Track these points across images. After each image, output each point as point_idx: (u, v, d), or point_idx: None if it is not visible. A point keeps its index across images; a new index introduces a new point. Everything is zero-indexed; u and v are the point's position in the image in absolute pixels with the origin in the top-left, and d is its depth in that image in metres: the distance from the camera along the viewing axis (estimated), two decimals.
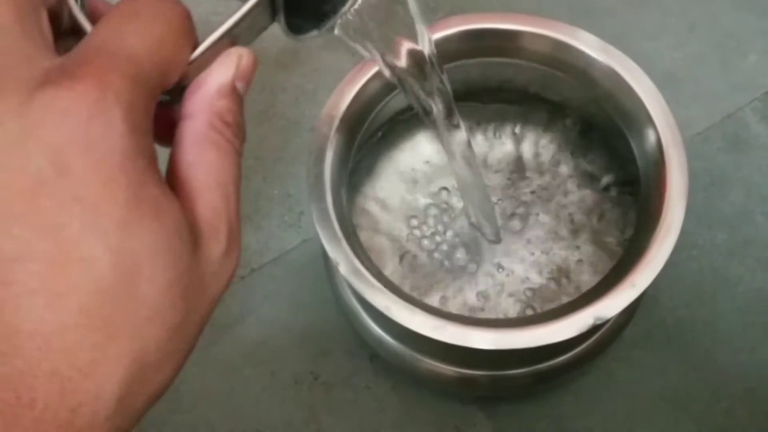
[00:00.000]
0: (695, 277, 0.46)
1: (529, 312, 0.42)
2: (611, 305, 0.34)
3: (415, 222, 0.45)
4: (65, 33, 0.21)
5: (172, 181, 0.20)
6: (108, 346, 0.17)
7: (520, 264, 0.43)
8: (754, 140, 0.49)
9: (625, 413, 0.43)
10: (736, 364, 0.43)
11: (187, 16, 0.21)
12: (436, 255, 0.44)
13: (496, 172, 0.46)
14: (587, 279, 0.43)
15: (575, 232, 0.44)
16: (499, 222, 0.44)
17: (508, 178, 0.46)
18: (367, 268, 0.36)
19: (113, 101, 0.17)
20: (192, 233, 0.19)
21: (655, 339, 0.44)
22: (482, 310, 0.42)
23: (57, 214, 0.16)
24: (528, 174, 0.46)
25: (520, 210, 0.45)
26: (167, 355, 0.18)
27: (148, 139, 0.19)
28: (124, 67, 0.18)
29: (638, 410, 0.43)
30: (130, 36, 0.19)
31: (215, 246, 0.19)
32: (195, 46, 0.21)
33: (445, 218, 0.45)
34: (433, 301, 0.43)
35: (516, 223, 0.45)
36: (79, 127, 0.17)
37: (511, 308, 0.42)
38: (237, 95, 0.22)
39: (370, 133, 0.44)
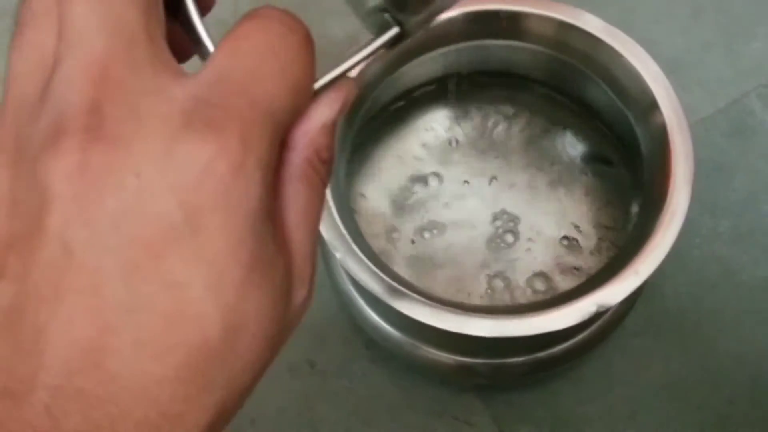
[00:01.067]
0: (698, 265, 0.45)
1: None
2: (614, 293, 0.33)
3: (411, 205, 0.44)
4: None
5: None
6: (200, 396, 0.17)
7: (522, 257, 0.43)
8: (760, 126, 0.48)
9: (625, 402, 0.42)
10: (738, 353, 0.43)
11: (313, 48, 0.19)
12: (431, 238, 0.43)
13: (496, 158, 0.45)
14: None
15: (573, 214, 0.43)
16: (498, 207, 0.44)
17: (506, 161, 0.45)
18: (364, 253, 0.35)
19: (255, 164, 0.17)
20: (288, 281, 0.19)
21: (657, 327, 0.44)
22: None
23: (182, 272, 0.16)
24: (526, 157, 0.45)
25: (516, 196, 0.44)
26: (244, 397, 0.19)
27: (272, 196, 0.18)
28: (265, 122, 0.17)
29: (638, 399, 0.42)
30: (268, 81, 0.18)
31: (301, 290, 0.19)
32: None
33: (440, 201, 0.44)
34: (431, 281, 0.42)
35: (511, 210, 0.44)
36: (220, 186, 0.16)
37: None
38: (335, 129, 0.21)
39: (369, 118, 0.43)
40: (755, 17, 0.51)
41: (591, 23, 0.38)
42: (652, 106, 0.36)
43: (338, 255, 0.35)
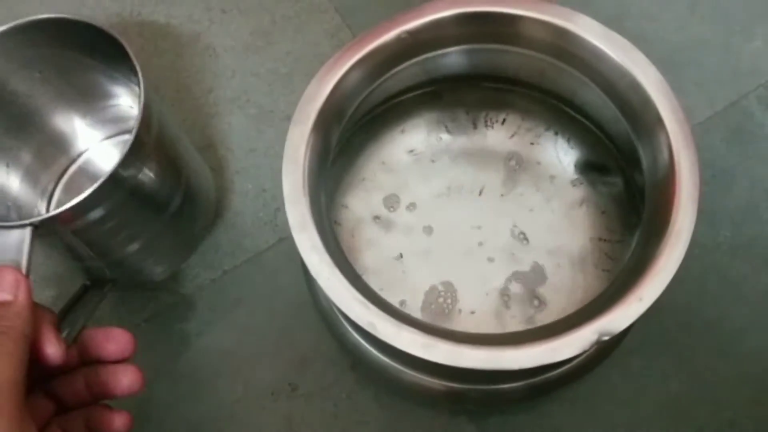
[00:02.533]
0: (697, 276, 0.43)
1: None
2: (617, 320, 0.31)
3: (396, 215, 0.42)
4: None
5: None
6: None
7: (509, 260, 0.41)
8: (759, 130, 0.46)
9: (623, 423, 0.40)
10: (740, 371, 0.41)
11: None
12: (417, 250, 0.41)
13: (486, 165, 0.43)
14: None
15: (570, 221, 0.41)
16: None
17: (496, 169, 0.43)
18: (347, 276, 0.33)
19: None
20: None
21: (655, 344, 0.42)
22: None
23: None
24: (517, 164, 0.43)
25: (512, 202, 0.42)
26: None
27: None
28: None
29: (637, 420, 0.40)
30: None
31: None
32: None
33: (427, 211, 0.42)
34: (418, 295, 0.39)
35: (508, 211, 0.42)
36: None
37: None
38: None
39: (352, 123, 0.40)
40: (755, 14, 0.49)
41: (588, 27, 0.36)
42: (656, 119, 0.34)
43: (320, 282, 0.32)
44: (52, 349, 0.29)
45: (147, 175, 0.35)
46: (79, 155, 0.46)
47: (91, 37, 0.37)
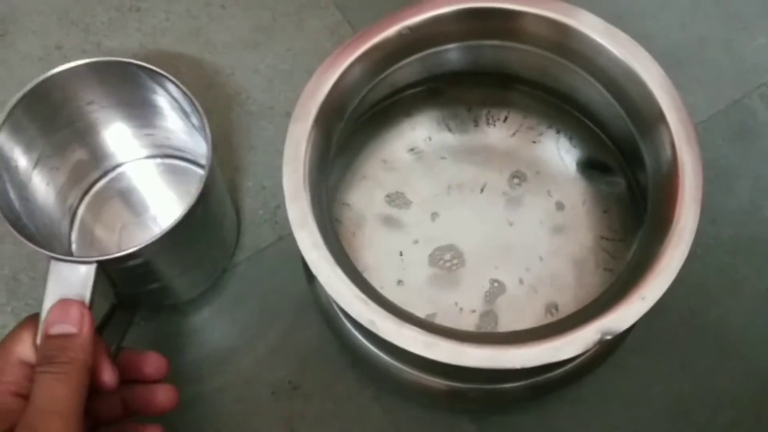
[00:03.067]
0: (699, 276, 0.43)
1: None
2: (620, 319, 0.31)
3: (398, 213, 0.42)
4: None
5: None
6: None
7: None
8: (762, 129, 0.46)
9: (625, 424, 0.40)
10: (742, 371, 0.41)
11: None
12: (419, 248, 0.41)
13: (487, 163, 0.43)
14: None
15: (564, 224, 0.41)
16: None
17: (498, 167, 0.43)
18: (348, 275, 0.33)
19: None
20: None
21: (657, 343, 0.41)
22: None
23: None
24: (519, 162, 0.43)
25: (512, 196, 0.42)
26: None
27: None
28: None
29: (639, 420, 0.40)
30: None
31: None
32: None
33: (429, 209, 0.42)
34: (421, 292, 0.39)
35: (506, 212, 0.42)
36: None
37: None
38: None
39: (353, 120, 0.40)
40: (758, 12, 0.49)
41: (590, 23, 0.36)
42: (658, 116, 0.33)
43: (321, 280, 0.32)
44: (108, 377, 0.32)
45: (197, 216, 0.36)
46: (109, 171, 0.45)
47: (150, 75, 0.38)
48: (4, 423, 0.29)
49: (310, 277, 0.41)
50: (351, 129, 0.42)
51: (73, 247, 0.43)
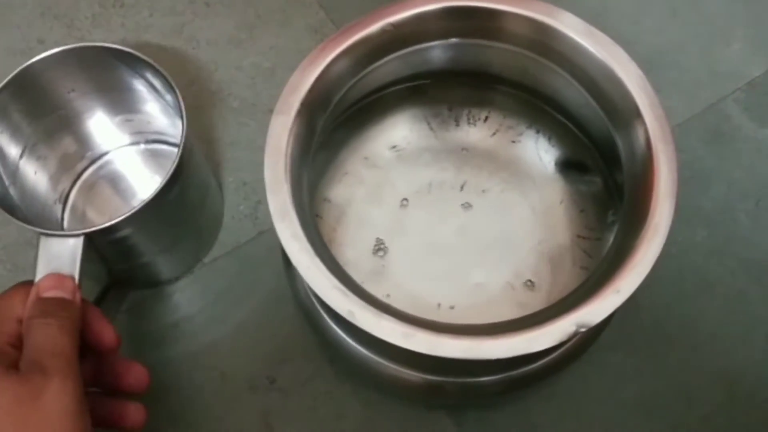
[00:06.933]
0: (674, 276, 0.43)
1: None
2: (594, 312, 0.31)
3: (377, 209, 0.42)
4: None
5: None
6: None
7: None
8: (737, 132, 0.47)
9: (599, 420, 0.40)
10: (715, 369, 0.41)
11: None
12: (397, 245, 0.41)
13: (468, 161, 0.43)
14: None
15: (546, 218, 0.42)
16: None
17: (478, 165, 0.43)
18: (327, 266, 0.33)
19: None
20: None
21: (632, 341, 0.42)
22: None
23: None
24: (499, 161, 0.43)
25: (490, 193, 0.42)
26: None
27: None
28: None
29: (613, 417, 0.40)
30: None
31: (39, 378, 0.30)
32: None
33: (408, 206, 0.42)
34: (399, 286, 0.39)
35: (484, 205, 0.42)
36: None
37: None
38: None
39: (334, 117, 0.40)
40: (734, 18, 0.50)
41: (571, 23, 0.36)
42: (635, 113, 0.34)
43: (300, 270, 0.32)
44: (109, 337, 0.34)
45: (180, 191, 0.37)
46: (96, 159, 0.46)
47: (126, 60, 0.39)
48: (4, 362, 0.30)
49: (290, 270, 0.41)
50: (333, 125, 0.42)
51: None
